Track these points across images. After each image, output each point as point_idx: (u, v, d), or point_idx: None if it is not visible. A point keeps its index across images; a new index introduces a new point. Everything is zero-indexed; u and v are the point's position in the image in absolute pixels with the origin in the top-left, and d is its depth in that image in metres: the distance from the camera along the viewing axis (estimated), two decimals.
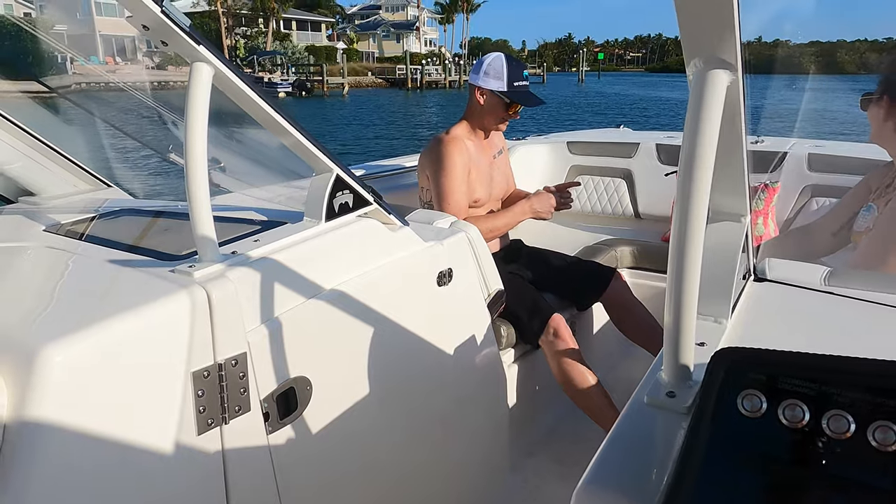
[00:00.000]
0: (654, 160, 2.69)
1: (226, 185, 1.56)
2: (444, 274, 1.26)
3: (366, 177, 2.23)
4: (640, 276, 2.33)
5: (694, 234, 0.57)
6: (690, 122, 0.55)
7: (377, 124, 19.55)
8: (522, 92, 1.77)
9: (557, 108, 25.31)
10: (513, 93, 1.75)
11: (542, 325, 1.66)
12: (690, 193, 0.56)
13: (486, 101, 1.79)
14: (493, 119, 1.80)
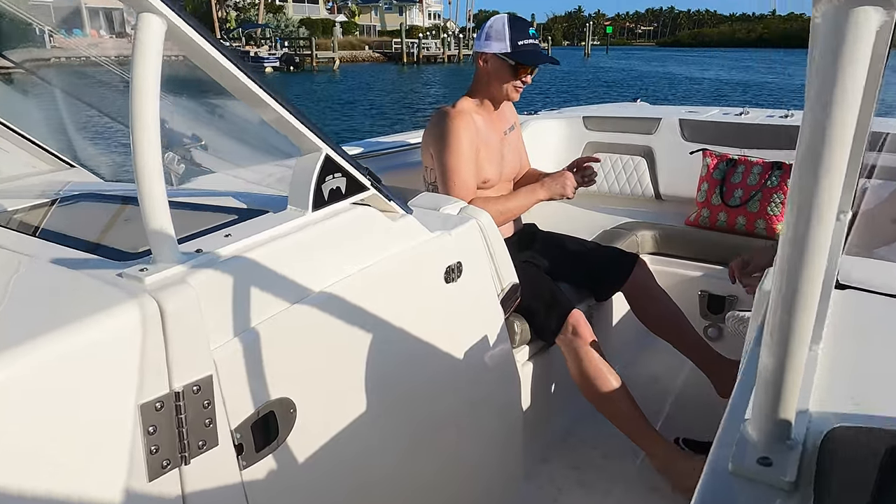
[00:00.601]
0: (677, 136, 2.53)
1: (207, 164, 1.43)
2: (453, 268, 1.16)
3: (364, 155, 2.10)
4: (662, 263, 2.20)
5: (818, 240, 0.41)
6: (820, 83, 0.38)
7: (359, 101, 18.48)
8: (528, 51, 1.60)
9: (552, 83, 23.94)
10: (517, 53, 1.59)
11: (560, 321, 1.55)
12: (817, 185, 0.39)
13: (491, 67, 1.64)
14: (501, 86, 1.65)
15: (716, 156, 2.25)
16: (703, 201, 2.24)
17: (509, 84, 1.64)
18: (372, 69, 36.71)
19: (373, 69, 36.70)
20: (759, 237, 2.07)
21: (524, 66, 1.62)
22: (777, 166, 2.09)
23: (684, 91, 18.71)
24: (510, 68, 1.61)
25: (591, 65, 41.87)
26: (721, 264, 2.07)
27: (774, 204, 2.05)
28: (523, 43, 1.59)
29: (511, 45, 1.59)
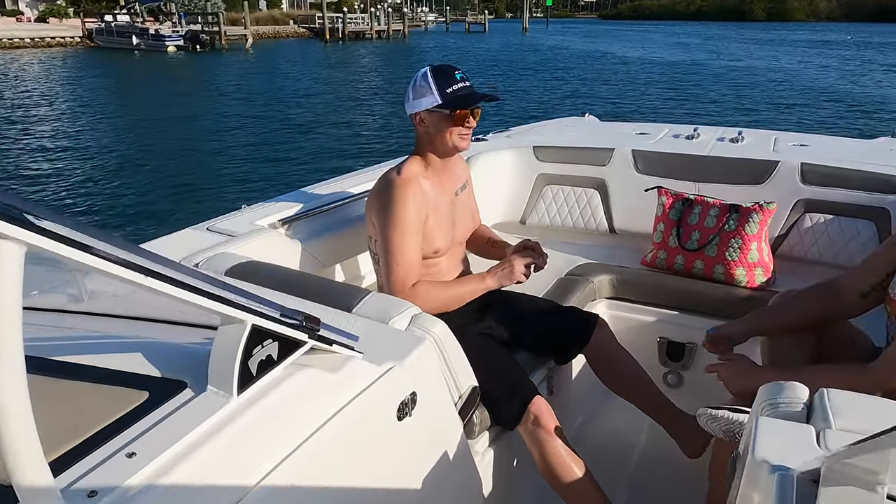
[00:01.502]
0: (630, 169, 2.56)
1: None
2: (406, 402, 1.10)
3: (303, 214, 1.97)
4: (620, 308, 2.23)
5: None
6: None
7: (254, 95, 16.66)
8: (461, 95, 1.59)
9: (487, 67, 23.75)
10: (450, 100, 1.58)
11: (521, 409, 1.53)
12: None
13: (429, 124, 1.61)
14: (446, 139, 1.62)
15: (671, 194, 2.26)
16: (659, 242, 2.26)
17: (453, 134, 1.61)
18: (290, 48, 35.37)
19: (291, 48, 35.37)
20: (718, 282, 2.11)
21: (462, 111, 1.58)
22: (734, 209, 2.12)
23: (622, 79, 19.10)
24: (448, 118, 1.58)
25: (528, 42, 42.23)
26: (680, 310, 2.11)
27: (733, 249, 2.08)
28: (452, 89, 1.57)
29: (440, 94, 1.56)
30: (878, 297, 1.34)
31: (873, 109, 12.83)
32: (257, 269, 1.48)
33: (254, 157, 9.74)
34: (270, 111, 13.80)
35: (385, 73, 22.32)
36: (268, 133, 11.32)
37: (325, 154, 9.91)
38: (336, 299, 1.28)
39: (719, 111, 12.98)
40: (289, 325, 0.92)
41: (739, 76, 19.26)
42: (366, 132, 11.57)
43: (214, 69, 23.69)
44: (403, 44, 41.62)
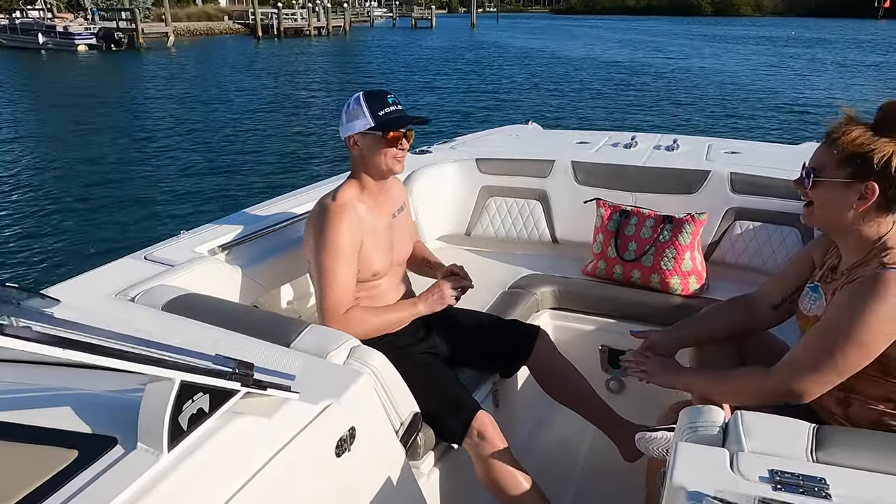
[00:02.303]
0: (570, 180, 2.72)
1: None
2: (345, 439, 1.16)
3: (244, 239, 2.00)
4: (562, 318, 2.37)
5: None
6: None
7: (173, 101, 15.70)
8: (393, 118, 1.68)
9: (422, 67, 23.70)
10: (382, 122, 1.67)
11: (465, 425, 1.61)
12: None
13: (363, 147, 1.71)
14: (380, 161, 1.71)
15: (609, 206, 2.43)
16: (599, 252, 2.42)
17: (387, 156, 1.70)
18: (219, 46, 34.32)
19: (220, 46, 34.31)
20: (655, 290, 2.28)
21: (395, 133, 1.67)
22: (668, 220, 2.30)
23: (564, 80, 19.39)
24: (381, 140, 1.67)
25: (473, 40, 42.65)
26: (620, 318, 2.27)
27: (667, 259, 2.25)
28: (384, 112, 1.66)
29: (373, 117, 1.66)
30: (790, 309, 1.49)
31: (804, 111, 13.74)
32: (195, 303, 1.51)
33: (183, 173, 9.48)
34: (193, 119, 13.29)
35: (317, 75, 21.81)
36: (192, 145, 10.97)
37: (255, 168, 9.72)
38: (274, 333, 1.33)
39: (659, 114, 13.61)
40: (221, 374, 0.94)
41: (681, 76, 20.13)
42: (297, 143, 11.33)
43: (128, 71, 22.54)
44: (344, 41, 41.27)
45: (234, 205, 7.00)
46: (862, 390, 1.26)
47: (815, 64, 23.25)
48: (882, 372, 1.22)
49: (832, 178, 1.23)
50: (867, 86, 17.37)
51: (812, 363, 1.22)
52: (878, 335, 1.16)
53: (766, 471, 0.90)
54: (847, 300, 1.21)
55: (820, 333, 1.23)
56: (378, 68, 24.11)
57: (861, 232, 1.25)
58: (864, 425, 1.28)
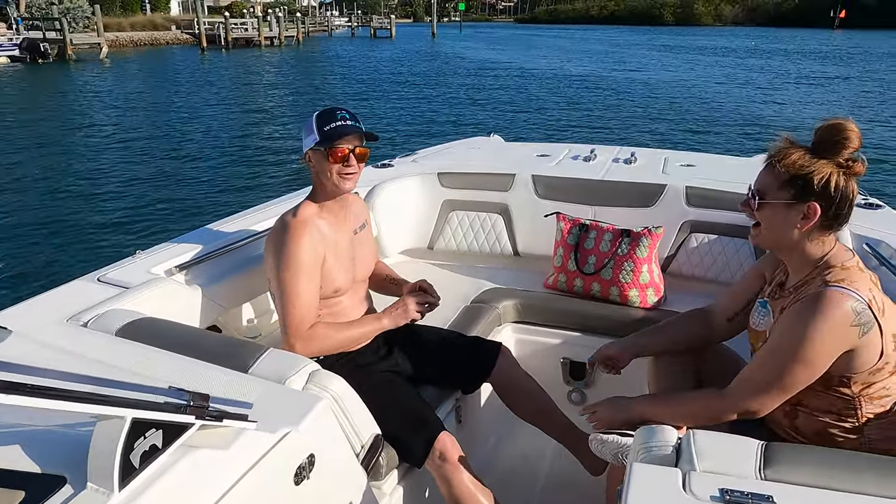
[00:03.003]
0: (531, 194, 2.83)
1: None
2: (304, 466, 1.18)
3: (203, 258, 2.02)
4: (524, 332, 2.47)
5: None
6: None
7: (98, 117, 14.74)
8: (333, 129, 1.70)
9: (375, 79, 23.58)
10: (326, 136, 1.70)
11: (427, 446, 1.66)
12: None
13: (314, 163, 1.76)
14: (328, 177, 1.73)
15: (569, 220, 2.56)
16: (559, 266, 2.53)
17: (333, 173, 1.71)
18: (160, 57, 33.45)
19: (161, 58, 33.44)
20: (614, 303, 2.41)
21: (340, 149, 1.69)
22: (626, 233, 2.43)
23: (523, 92, 19.37)
24: (325, 155, 1.70)
25: (434, 50, 43.01)
26: (581, 331, 2.39)
27: (626, 272, 2.38)
28: (329, 126, 1.69)
29: (319, 133, 1.69)
30: (743, 322, 1.59)
31: (759, 123, 14.42)
32: (151, 328, 1.52)
33: (133, 192, 9.30)
34: (132, 135, 12.94)
35: (262, 88, 21.18)
36: (137, 163, 10.73)
37: (212, 184, 9.63)
38: (232, 359, 1.35)
39: (619, 126, 14.07)
40: (175, 408, 0.95)
41: (640, 88, 20.76)
42: (245, 158, 11.11)
43: (55, 85, 21.36)
44: (297, 51, 40.98)
45: (191, 223, 6.92)
46: (808, 403, 1.36)
47: (770, 76, 24.35)
48: (824, 385, 1.32)
49: (776, 200, 1.32)
50: (821, 99, 18.38)
51: (762, 383, 1.32)
52: (822, 352, 1.26)
53: (716, 490, 0.96)
54: (792, 320, 1.30)
55: (768, 353, 1.33)
56: (328, 80, 23.81)
57: (805, 251, 1.35)
58: (809, 435, 1.39)
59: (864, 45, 44.51)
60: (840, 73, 24.55)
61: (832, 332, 1.24)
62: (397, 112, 16.00)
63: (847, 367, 1.29)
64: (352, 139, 1.71)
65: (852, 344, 1.26)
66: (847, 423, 1.34)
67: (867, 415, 1.33)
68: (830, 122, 1.29)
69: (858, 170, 1.28)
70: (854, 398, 1.32)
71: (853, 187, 1.29)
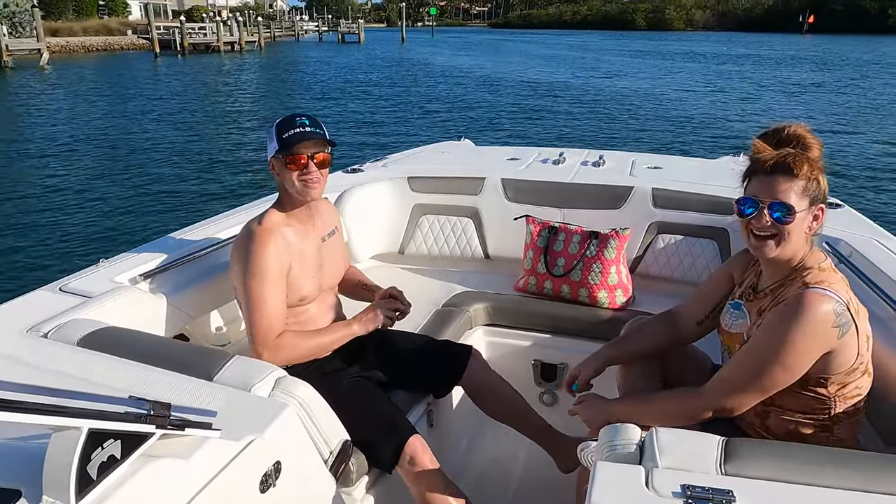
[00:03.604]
0: (501, 197, 2.92)
1: None
2: (269, 474, 1.19)
3: (170, 265, 2.04)
4: (495, 334, 2.56)
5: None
6: None
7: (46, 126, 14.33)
8: (290, 136, 1.73)
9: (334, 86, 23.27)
10: (284, 143, 1.73)
11: (397, 451, 1.70)
12: None
13: (277, 170, 1.79)
14: (290, 185, 1.77)
15: (538, 223, 2.65)
16: (529, 269, 2.63)
17: (295, 181, 1.74)
18: (110, 64, 32.66)
19: (111, 64, 32.65)
20: (583, 305, 2.51)
21: (299, 156, 1.72)
22: (594, 235, 2.53)
23: (489, 100, 19.34)
24: (284, 163, 1.74)
25: (402, 55, 42.99)
26: (551, 333, 2.48)
27: (594, 273, 2.48)
28: (288, 133, 1.72)
29: (278, 140, 1.73)
30: (713, 324, 1.66)
31: (723, 126, 15.02)
32: (114, 337, 1.53)
33: (91, 200, 9.15)
34: (84, 144, 12.74)
35: (213, 95, 20.67)
36: (87, 172, 10.57)
37: (175, 191, 9.56)
38: (197, 367, 1.37)
39: (587, 129, 14.41)
40: (134, 418, 0.96)
41: (609, 93, 21.24)
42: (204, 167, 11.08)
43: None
44: (258, 57, 40.65)
45: (154, 232, 6.87)
46: (782, 403, 1.42)
47: (738, 80, 25.18)
48: (801, 386, 1.37)
49: (801, 209, 1.32)
50: (787, 103, 19.15)
51: (741, 383, 1.37)
52: (803, 353, 1.29)
53: (678, 486, 1.00)
54: (774, 322, 1.33)
55: (747, 354, 1.38)
56: (285, 87, 23.50)
57: (796, 254, 1.39)
58: (779, 434, 1.45)
59: (833, 50, 46.26)
60: (811, 79, 25.50)
61: (813, 334, 1.28)
62: (360, 118, 16.06)
63: (825, 369, 1.33)
64: (310, 145, 1.73)
65: (832, 345, 1.30)
66: (819, 422, 1.40)
67: (839, 414, 1.38)
68: (787, 126, 1.35)
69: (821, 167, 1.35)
70: (829, 398, 1.37)
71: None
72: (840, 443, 1.41)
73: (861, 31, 79.03)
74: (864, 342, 1.34)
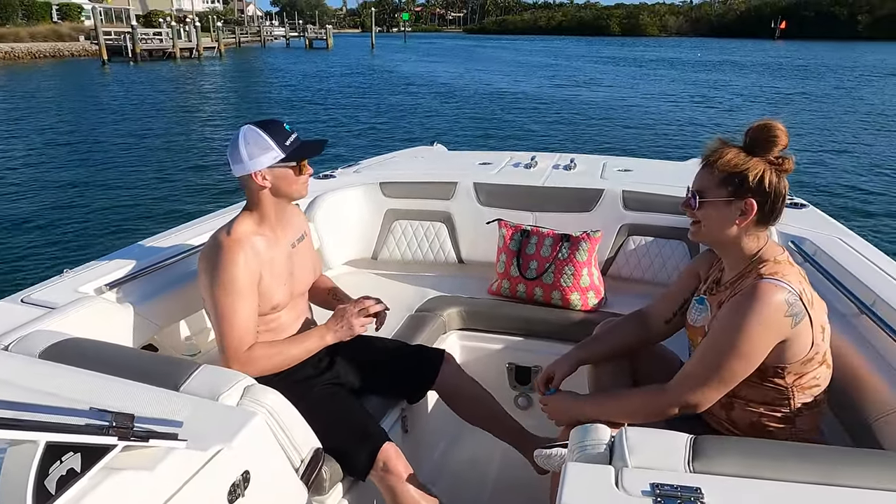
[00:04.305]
0: (473, 202, 3.01)
1: None
2: (238, 484, 1.21)
3: (137, 274, 2.06)
4: (469, 339, 2.64)
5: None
6: None
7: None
8: (301, 146, 1.81)
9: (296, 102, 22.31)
10: (294, 153, 1.79)
11: (370, 458, 1.74)
12: None
13: (275, 180, 1.80)
14: (292, 191, 1.84)
15: (510, 226, 2.75)
16: (502, 272, 2.72)
17: (299, 183, 1.83)
18: (53, 72, 31.89)
19: (54, 72, 31.87)
20: (556, 307, 2.60)
21: (301, 160, 1.81)
22: (566, 238, 2.63)
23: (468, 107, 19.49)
24: (294, 169, 1.80)
25: (371, 63, 42.54)
26: (525, 335, 2.57)
27: (567, 276, 2.58)
28: (290, 141, 1.79)
29: (282, 149, 1.77)
30: (681, 322, 1.75)
31: (693, 129, 15.53)
32: (78, 348, 1.54)
33: (56, 209, 9.01)
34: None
35: (156, 105, 20.06)
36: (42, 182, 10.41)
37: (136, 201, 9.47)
38: (163, 377, 1.39)
39: (560, 134, 14.76)
40: (95, 430, 0.96)
41: (581, 98, 21.63)
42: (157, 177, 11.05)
43: None
44: (218, 64, 39.91)
45: (122, 241, 6.81)
46: (744, 394, 1.51)
47: (709, 86, 25.95)
48: (760, 377, 1.47)
49: (715, 198, 1.45)
50: (759, 106, 19.82)
51: (702, 377, 1.45)
52: (758, 342, 1.37)
53: (647, 485, 1.04)
54: (729, 313, 1.41)
55: (707, 347, 1.45)
56: (236, 96, 23.12)
57: (742, 246, 1.48)
58: (744, 427, 1.54)
59: (808, 57, 47.81)
60: (785, 86, 26.36)
61: (767, 323, 1.36)
62: (316, 128, 16.08)
63: (781, 358, 1.41)
64: (318, 148, 1.84)
65: (785, 334, 1.38)
66: (780, 413, 1.48)
67: (798, 405, 1.47)
68: (761, 123, 1.44)
69: (788, 167, 1.44)
70: (787, 388, 1.45)
71: (785, 184, 1.45)
72: (802, 434, 1.49)
73: (832, 37, 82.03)
74: (819, 332, 1.42)
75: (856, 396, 1.65)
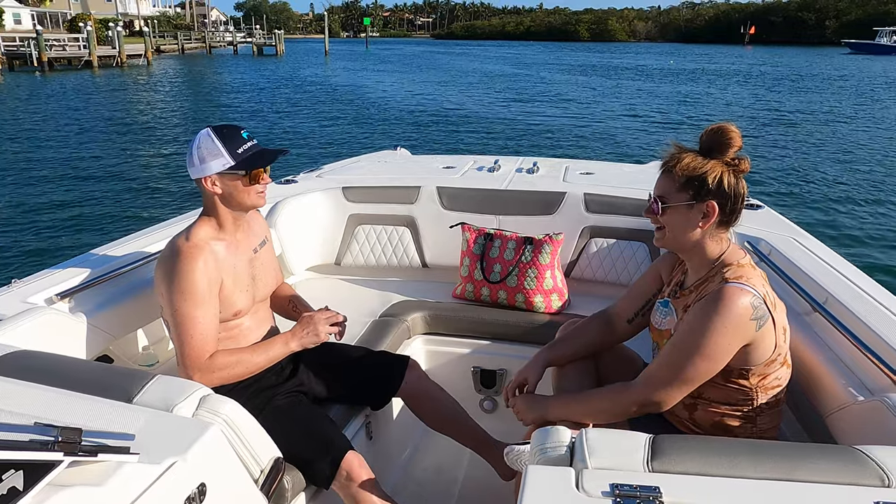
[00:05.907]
0: (436, 205, 3.13)
1: None
2: (193, 497, 1.23)
3: (89, 283, 2.09)
4: (434, 343, 2.74)
5: None
6: None
7: None
8: (253, 154, 1.84)
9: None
10: (244, 161, 1.82)
11: (333, 468, 1.78)
12: None
13: (224, 187, 1.84)
14: (244, 200, 1.87)
15: (474, 230, 2.88)
16: (466, 276, 2.85)
17: (251, 193, 1.86)
18: None
19: None
20: (520, 310, 2.73)
21: (257, 170, 1.84)
22: (529, 241, 2.77)
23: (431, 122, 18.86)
24: (244, 178, 1.83)
25: (323, 74, 40.27)
26: (490, 339, 2.69)
27: (530, 278, 2.72)
28: (243, 149, 1.82)
29: (232, 156, 1.80)
30: (643, 322, 1.86)
31: (654, 133, 16.08)
32: (24, 361, 1.53)
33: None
34: None
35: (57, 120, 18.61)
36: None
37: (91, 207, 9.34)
38: (115, 389, 1.40)
39: (524, 139, 15.22)
40: (39, 446, 0.97)
41: (545, 104, 22.22)
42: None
43: None
44: (142, 73, 37.35)
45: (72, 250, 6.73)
46: (708, 395, 1.58)
47: (671, 91, 26.77)
48: (724, 378, 1.53)
49: (677, 203, 1.53)
50: (722, 111, 20.69)
51: (667, 377, 1.55)
52: (723, 346, 1.46)
53: (607, 485, 1.08)
54: (695, 316, 1.50)
55: (672, 348, 1.54)
56: (139, 111, 21.30)
57: (705, 249, 1.56)
58: (706, 426, 1.61)
59: (780, 63, 49.50)
60: (747, 89, 27.33)
61: (733, 326, 1.44)
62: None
63: (746, 360, 1.50)
64: (269, 159, 1.86)
65: (750, 338, 1.47)
66: (742, 413, 1.57)
67: (760, 404, 1.56)
68: (715, 126, 1.55)
69: (745, 167, 1.55)
70: (751, 389, 1.55)
71: (743, 184, 1.56)
72: (763, 433, 1.61)
73: (800, 42, 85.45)
74: (782, 334, 1.52)
75: (810, 393, 1.76)
